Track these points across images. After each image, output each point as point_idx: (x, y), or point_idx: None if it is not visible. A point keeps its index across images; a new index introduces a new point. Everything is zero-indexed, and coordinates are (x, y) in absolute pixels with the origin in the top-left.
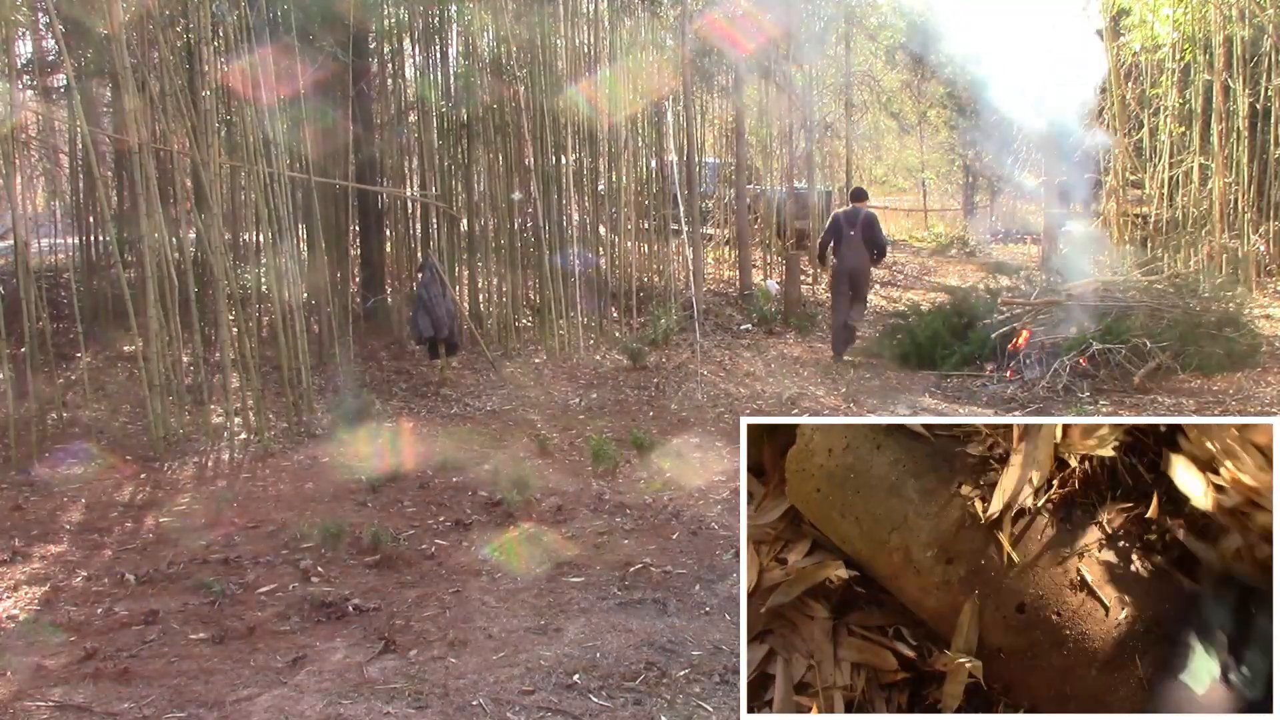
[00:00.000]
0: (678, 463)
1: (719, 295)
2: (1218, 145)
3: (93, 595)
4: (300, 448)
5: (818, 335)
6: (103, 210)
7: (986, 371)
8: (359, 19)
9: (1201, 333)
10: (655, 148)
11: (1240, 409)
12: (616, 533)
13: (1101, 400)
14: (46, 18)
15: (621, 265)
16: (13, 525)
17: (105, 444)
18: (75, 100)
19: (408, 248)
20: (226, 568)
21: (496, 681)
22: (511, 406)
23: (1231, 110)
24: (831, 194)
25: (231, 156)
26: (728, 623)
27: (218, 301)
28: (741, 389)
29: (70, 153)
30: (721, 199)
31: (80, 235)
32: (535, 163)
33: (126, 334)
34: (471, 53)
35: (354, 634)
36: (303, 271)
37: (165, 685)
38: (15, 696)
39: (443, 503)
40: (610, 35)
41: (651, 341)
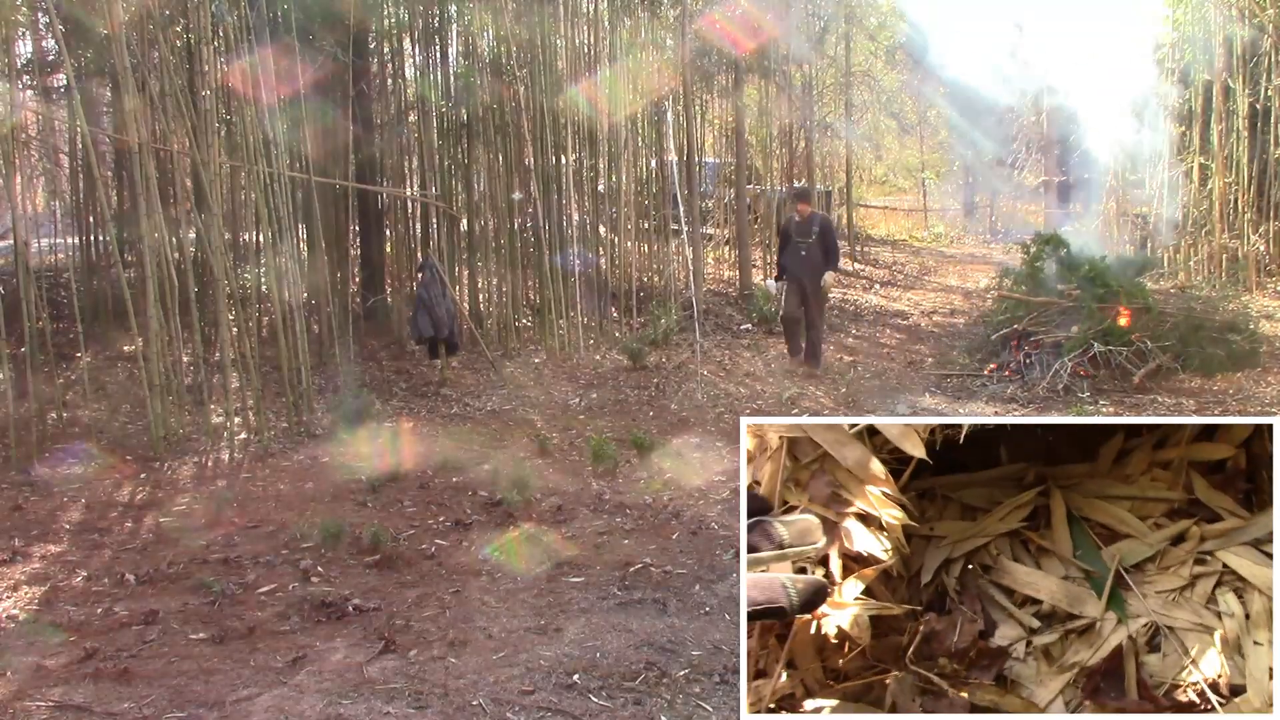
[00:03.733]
0: (678, 463)
1: (719, 295)
2: (1218, 145)
3: (93, 595)
4: (300, 448)
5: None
6: (103, 210)
7: (986, 371)
8: (359, 19)
9: (1203, 334)
10: (655, 148)
11: (1240, 409)
12: (616, 533)
13: (1102, 400)
14: (46, 18)
15: (621, 265)
16: (13, 525)
17: (105, 444)
18: (75, 100)
19: (408, 248)
20: (226, 568)
21: (496, 681)
22: (511, 406)
23: (1231, 110)
24: (831, 194)
25: (231, 156)
26: (728, 623)
27: (218, 301)
28: (741, 389)
29: (70, 153)
30: (721, 199)
31: (80, 235)
32: (535, 163)
33: (126, 334)
34: (471, 53)
35: (354, 634)
36: (303, 271)
37: (165, 685)
38: (15, 696)
39: (443, 503)
40: (610, 35)
41: (651, 341)
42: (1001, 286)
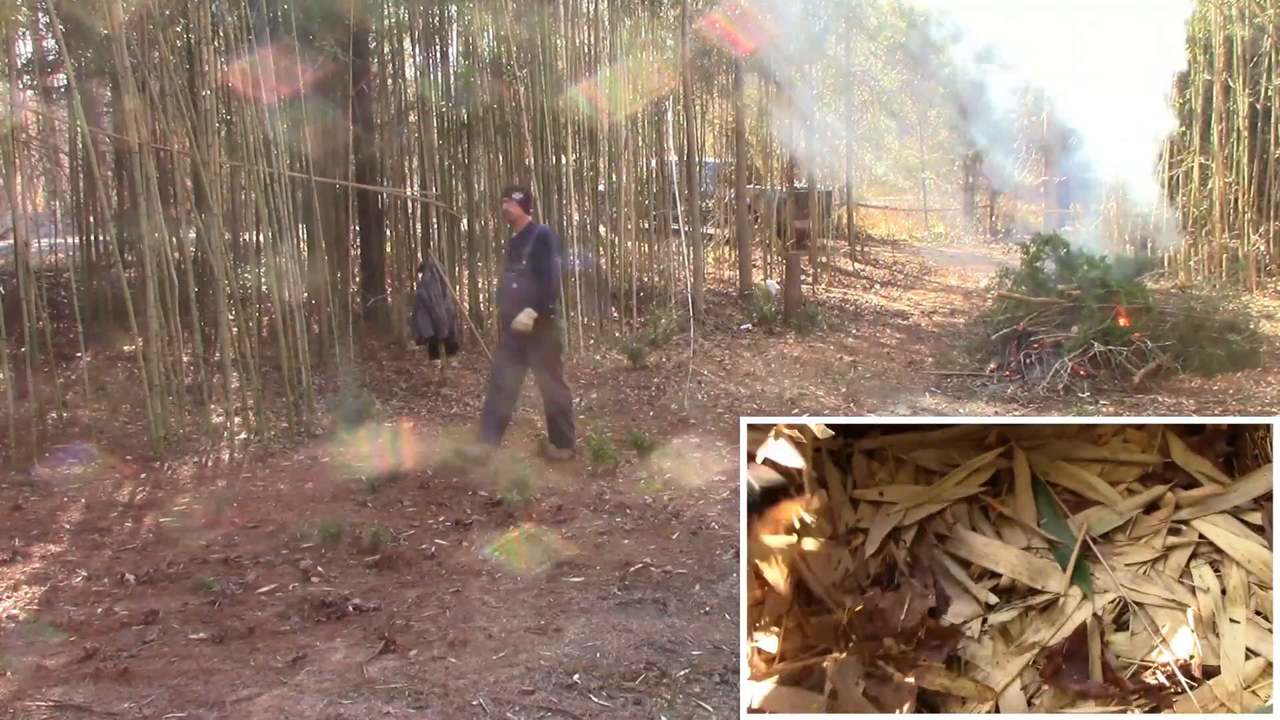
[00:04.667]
0: (678, 463)
1: (719, 295)
2: (1218, 145)
3: (93, 595)
4: (300, 448)
5: (817, 335)
6: (103, 210)
7: (987, 371)
8: (359, 19)
9: (1203, 334)
10: (655, 148)
11: (1240, 409)
12: (616, 533)
13: (1102, 400)
14: (46, 18)
15: (621, 265)
16: (13, 525)
17: (105, 444)
18: (75, 100)
19: (408, 248)
20: (226, 568)
21: (496, 681)
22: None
23: (1231, 110)
24: (831, 194)
25: (231, 156)
26: (728, 623)
27: (218, 301)
28: (741, 389)
29: (70, 153)
30: (721, 199)
31: (80, 235)
32: (535, 163)
33: (126, 334)
34: (471, 53)
35: (354, 634)
36: (303, 271)
37: (165, 685)
38: (15, 696)
39: (443, 503)
40: (610, 35)
41: (651, 341)
42: (1001, 286)
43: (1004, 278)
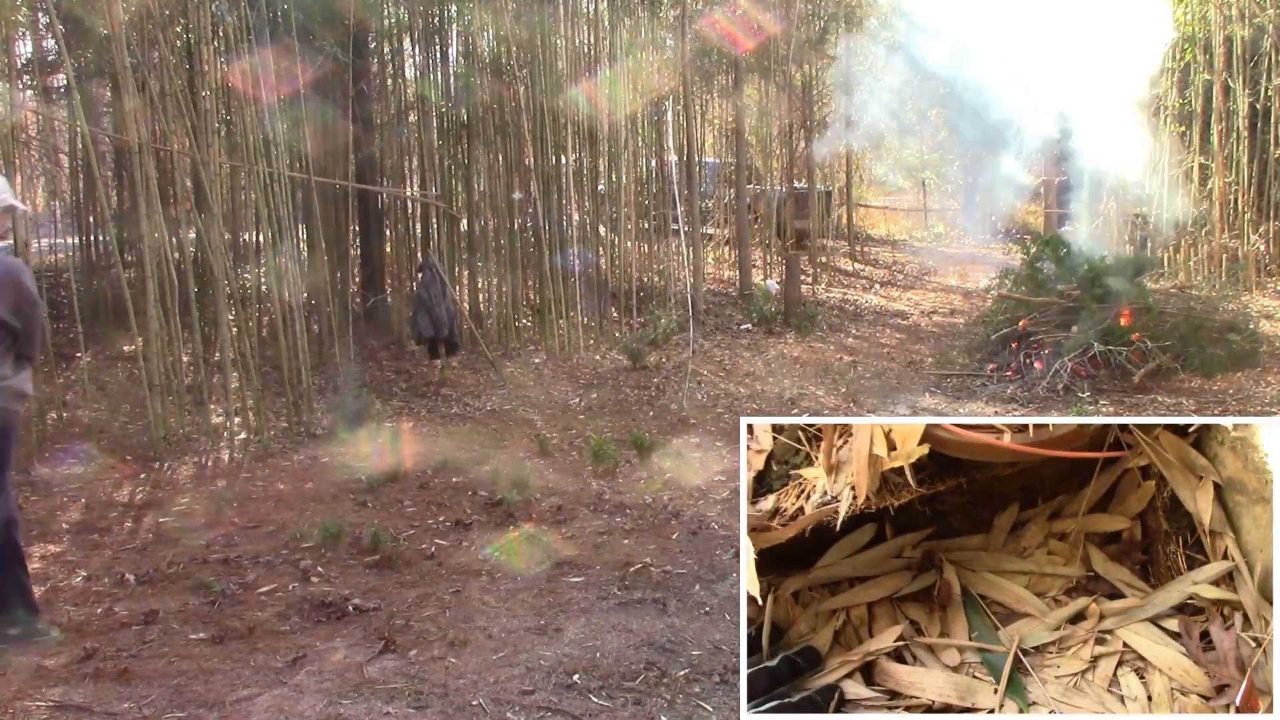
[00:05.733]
0: (678, 463)
1: (719, 295)
2: (1218, 145)
3: (93, 595)
4: (300, 448)
5: (817, 335)
6: (103, 210)
7: (987, 371)
8: (359, 19)
9: (1203, 334)
10: (655, 148)
11: (1240, 409)
12: (616, 533)
13: (1101, 400)
14: (46, 18)
15: (621, 265)
16: None
17: (105, 444)
18: (75, 100)
19: (408, 248)
20: (226, 568)
21: (496, 681)
22: (511, 406)
23: (1231, 110)
24: (831, 194)
25: (231, 156)
26: (728, 623)
27: (218, 301)
28: (741, 389)
29: (70, 153)
30: (721, 199)
31: (80, 235)
32: (535, 163)
33: (126, 334)
34: (471, 53)
35: (354, 634)
36: (302, 271)
37: (165, 685)
38: (15, 696)
39: (443, 503)
40: (610, 35)
41: (651, 341)
42: (1001, 287)
43: (1004, 278)
